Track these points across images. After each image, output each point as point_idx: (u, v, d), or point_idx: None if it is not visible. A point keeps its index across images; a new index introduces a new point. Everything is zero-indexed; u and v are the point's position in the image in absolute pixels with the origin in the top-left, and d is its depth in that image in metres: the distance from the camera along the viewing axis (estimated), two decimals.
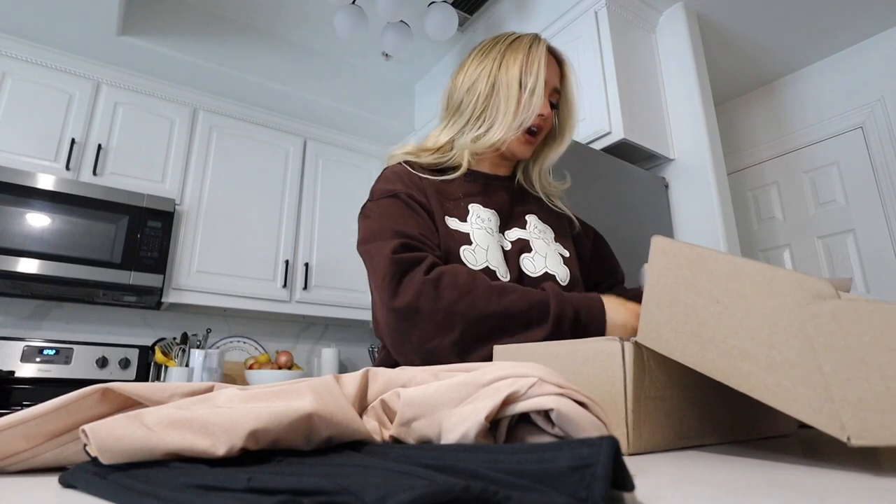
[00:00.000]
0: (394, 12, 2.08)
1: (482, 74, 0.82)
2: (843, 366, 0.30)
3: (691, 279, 0.38)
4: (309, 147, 2.80)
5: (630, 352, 0.41)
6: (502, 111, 0.80)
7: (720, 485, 0.28)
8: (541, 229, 0.86)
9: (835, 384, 0.30)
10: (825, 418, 0.31)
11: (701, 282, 0.38)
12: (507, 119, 0.80)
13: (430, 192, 0.80)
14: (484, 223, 0.79)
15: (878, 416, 0.29)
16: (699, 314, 0.38)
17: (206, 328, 2.46)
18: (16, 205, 1.95)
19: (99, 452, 0.27)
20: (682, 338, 0.39)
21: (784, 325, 0.33)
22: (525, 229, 0.84)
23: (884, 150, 2.28)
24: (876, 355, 0.29)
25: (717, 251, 0.38)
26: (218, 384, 0.39)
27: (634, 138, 1.89)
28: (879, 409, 0.29)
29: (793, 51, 2.47)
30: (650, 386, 0.42)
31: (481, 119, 0.82)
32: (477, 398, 0.32)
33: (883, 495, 0.25)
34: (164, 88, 2.46)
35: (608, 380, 0.42)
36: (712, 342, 0.37)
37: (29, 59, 2.19)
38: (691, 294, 0.38)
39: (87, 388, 0.33)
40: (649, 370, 0.42)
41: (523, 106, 0.79)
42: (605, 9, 1.99)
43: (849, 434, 0.29)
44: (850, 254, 2.35)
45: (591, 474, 0.21)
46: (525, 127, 0.81)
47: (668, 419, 0.42)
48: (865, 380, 0.29)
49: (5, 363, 2.05)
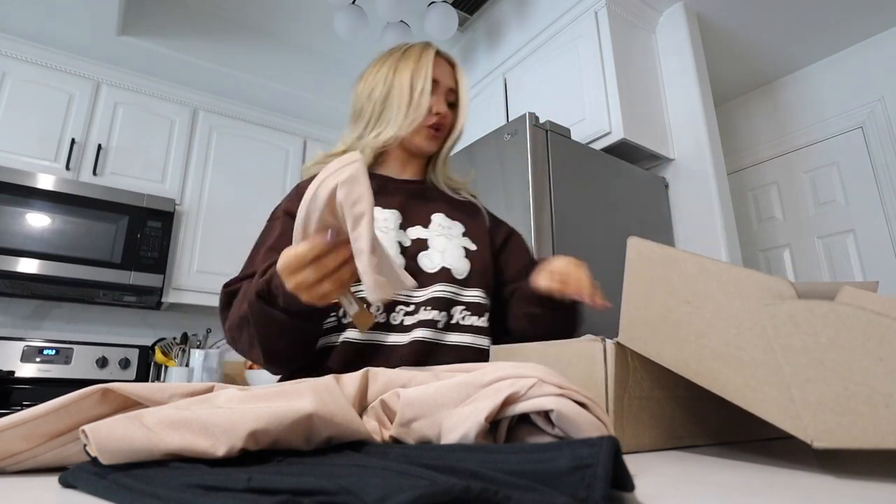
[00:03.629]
0: (394, 12, 2.08)
1: (378, 81, 0.91)
2: (802, 366, 0.30)
3: (664, 280, 0.39)
4: (309, 147, 2.80)
5: (612, 352, 0.41)
6: (395, 110, 0.88)
7: (720, 485, 0.28)
8: (446, 226, 0.89)
9: (794, 385, 0.30)
10: (790, 420, 0.31)
11: (672, 282, 0.38)
12: (399, 117, 0.87)
13: None
14: (380, 223, 0.84)
15: (837, 417, 0.28)
16: (672, 314, 0.38)
17: (206, 328, 2.46)
18: (16, 205, 1.95)
19: (99, 453, 0.27)
20: (659, 338, 0.40)
21: (749, 325, 0.33)
22: (427, 227, 0.87)
23: (884, 150, 2.28)
24: (832, 356, 0.29)
25: (687, 252, 0.38)
26: (218, 384, 0.39)
27: (634, 138, 1.89)
28: (838, 411, 0.28)
29: (793, 51, 2.47)
30: (635, 386, 0.42)
31: (380, 120, 0.90)
32: (477, 399, 0.32)
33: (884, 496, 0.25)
34: (164, 88, 2.46)
35: (591, 380, 0.42)
36: (686, 342, 0.37)
37: (29, 59, 2.19)
38: (664, 295, 0.39)
39: (87, 388, 0.33)
40: (634, 371, 0.42)
41: (415, 104, 0.87)
42: (605, 9, 1.98)
43: (811, 436, 0.29)
44: (850, 254, 2.35)
45: (591, 474, 0.21)
46: (417, 123, 0.88)
47: (654, 420, 0.42)
48: (824, 381, 0.29)
49: (5, 363, 2.05)
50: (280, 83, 2.56)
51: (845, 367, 0.28)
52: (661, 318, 0.39)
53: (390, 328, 0.77)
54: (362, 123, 0.92)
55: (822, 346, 0.29)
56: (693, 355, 0.37)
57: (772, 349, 0.32)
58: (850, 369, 0.28)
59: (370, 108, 0.91)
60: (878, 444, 0.27)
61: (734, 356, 0.34)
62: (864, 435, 0.27)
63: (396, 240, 0.83)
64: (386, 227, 0.84)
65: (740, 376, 0.34)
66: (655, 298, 0.40)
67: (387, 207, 0.87)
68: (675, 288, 0.38)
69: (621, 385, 0.41)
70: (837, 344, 0.29)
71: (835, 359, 0.29)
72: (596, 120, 1.94)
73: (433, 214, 0.90)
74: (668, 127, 2.07)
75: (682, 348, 0.38)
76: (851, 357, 0.28)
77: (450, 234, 0.88)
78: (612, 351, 0.41)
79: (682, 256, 0.38)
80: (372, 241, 0.45)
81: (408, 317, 0.78)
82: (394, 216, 0.86)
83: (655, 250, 0.40)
